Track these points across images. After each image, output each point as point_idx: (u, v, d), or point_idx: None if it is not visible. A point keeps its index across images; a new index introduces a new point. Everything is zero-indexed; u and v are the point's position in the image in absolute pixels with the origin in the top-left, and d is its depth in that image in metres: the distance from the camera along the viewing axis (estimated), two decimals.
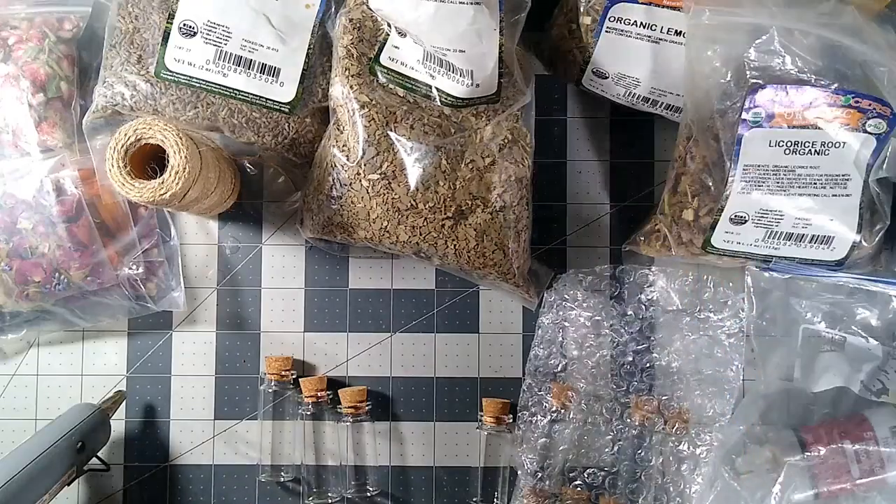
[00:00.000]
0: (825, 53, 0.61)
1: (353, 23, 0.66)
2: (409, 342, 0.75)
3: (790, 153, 0.63)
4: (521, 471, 0.71)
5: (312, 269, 0.76)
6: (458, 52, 0.64)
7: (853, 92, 0.61)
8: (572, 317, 0.72)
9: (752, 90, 0.62)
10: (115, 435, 0.73)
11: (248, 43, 0.68)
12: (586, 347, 0.72)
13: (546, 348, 0.72)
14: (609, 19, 0.65)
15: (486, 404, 0.72)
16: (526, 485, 0.70)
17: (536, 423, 0.71)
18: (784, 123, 0.62)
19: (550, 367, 0.72)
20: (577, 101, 0.76)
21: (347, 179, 0.65)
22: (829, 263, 0.67)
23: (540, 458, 0.71)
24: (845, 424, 0.67)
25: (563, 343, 0.72)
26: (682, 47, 0.65)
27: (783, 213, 0.65)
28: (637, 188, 0.76)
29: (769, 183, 0.64)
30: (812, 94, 0.61)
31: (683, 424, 0.70)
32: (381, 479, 0.74)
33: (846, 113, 0.61)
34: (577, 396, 0.71)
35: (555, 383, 0.71)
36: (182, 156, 0.61)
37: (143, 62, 0.68)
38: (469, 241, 0.66)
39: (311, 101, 0.70)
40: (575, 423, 0.71)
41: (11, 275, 0.69)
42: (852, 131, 0.62)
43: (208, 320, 0.75)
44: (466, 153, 0.66)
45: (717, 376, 0.71)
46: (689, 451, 0.70)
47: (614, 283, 0.74)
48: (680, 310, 0.72)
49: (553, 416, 0.71)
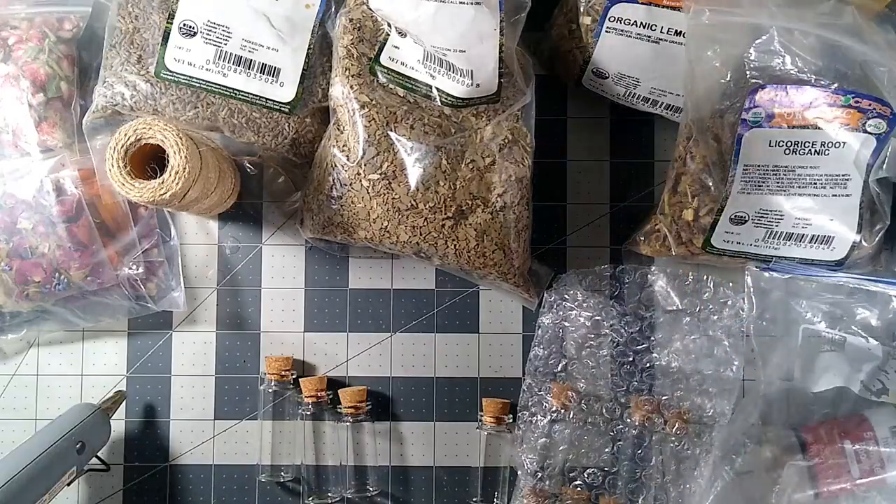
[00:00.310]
0: (825, 53, 0.61)
1: (354, 23, 0.66)
2: (409, 342, 0.75)
3: (790, 153, 0.63)
4: (521, 471, 0.71)
5: (312, 269, 0.76)
6: (458, 53, 0.64)
7: (853, 92, 0.61)
8: (572, 317, 0.72)
9: (752, 90, 0.62)
10: (115, 435, 0.73)
11: (248, 43, 0.68)
12: (586, 347, 0.72)
13: (546, 348, 0.72)
14: (609, 19, 0.65)
15: (486, 404, 0.72)
16: (526, 485, 0.70)
17: (536, 423, 0.71)
18: (784, 123, 0.63)
19: (550, 366, 0.72)
20: (577, 101, 0.76)
21: (348, 179, 0.65)
22: (829, 263, 0.67)
23: (540, 458, 0.71)
24: (845, 424, 0.67)
25: (564, 343, 0.72)
26: (682, 47, 0.65)
27: (783, 213, 0.65)
28: (637, 188, 0.76)
29: (769, 183, 0.64)
30: (812, 94, 0.61)
31: (683, 424, 0.70)
32: (381, 479, 0.74)
33: (846, 113, 0.61)
34: (577, 396, 0.71)
35: (555, 383, 0.71)
36: (182, 156, 0.61)
37: (143, 62, 0.68)
38: (469, 241, 0.66)
39: (311, 101, 0.70)
40: (575, 423, 0.71)
41: (11, 275, 0.69)
42: (852, 131, 0.62)
43: (208, 320, 0.75)
44: (467, 153, 0.66)
45: (717, 376, 0.71)
46: (689, 451, 0.69)
47: (614, 282, 0.74)
48: (680, 310, 0.72)
49: (553, 416, 0.71)
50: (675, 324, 0.72)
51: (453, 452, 0.75)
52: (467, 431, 0.74)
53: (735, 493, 0.67)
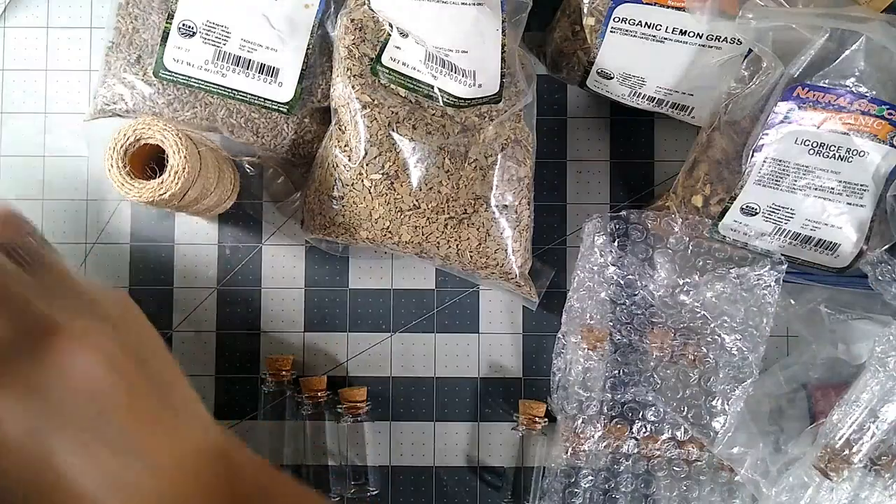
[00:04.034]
0: (870, 57, 0.61)
1: (355, 23, 0.66)
2: (409, 342, 0.75)
3: (814, 153, 0.63)
4: (561, 416, 0.70)
5: (312, 269, 0.76)
6: (460, 53, 0.64)
7: (889, 104, 0.60)
8: (607, 273, 0.70)
9: (790, 87, 0.62)
10: None
11: (247, 43, 0.68)
12: (619, 304, 0.70)
13: (581, 301, 0.71)
14: (614, 20, 0.65)
15: (523, 406, 0.72)
16: (567, 428, 0.70)
17: (569, 370, 0.70)
18: (813, 123, 0.62)
19: (584, 319, 0.71)
20: (577, 101, 0.76)
21: (349, 180, 0.65)
22: (831, 270, 0.67)
23: (577, 403, 0.70)
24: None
25: (597, 298, 0.70)
26: (690, 46, 0.64)
27: (795, 212, 0.64)
28: (637, 188, 0.76)
29: (787, 180, 0.64)
30: (847, 99, 0.61)
31: (704, 360, 0.68)
32: (381, 479, 0.74)
33: (877, 123, 0.61)
34: (609, 340, 0.70)
35: (585, 328, 0.70)
36: (181, 156, 0.61)
37: (142, 62, 0.68)
38: (472, 240, 0.66)
39: (311, 102, 0.70)
40: (607, 362, 0.70)
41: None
42: (878, 143, 0.61)
43: (208, 320, 0.75)
44: (469, 153, 0.66)
45: (747, 326, 0.69)
46: (715, 386, 0.69)
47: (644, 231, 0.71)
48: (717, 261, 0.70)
49: (585, 360, 0.70)
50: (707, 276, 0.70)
51: (453, 452, 0.75)
52: (467, 431, 0.75)
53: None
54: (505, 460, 0.74)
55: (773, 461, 0.68)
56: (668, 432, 0.70)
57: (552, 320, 0.75)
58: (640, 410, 0.70)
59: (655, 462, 0.71)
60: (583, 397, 0.70)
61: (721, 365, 0.68)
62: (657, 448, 0.70)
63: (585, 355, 0.70)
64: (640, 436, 0.70)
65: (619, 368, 0.70)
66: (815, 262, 0.67)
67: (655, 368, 0.69)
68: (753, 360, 0.67)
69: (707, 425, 0.68)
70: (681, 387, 0.69)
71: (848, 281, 0.68)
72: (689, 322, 0.69)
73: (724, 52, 0.64)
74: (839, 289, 0.69)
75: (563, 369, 0.71)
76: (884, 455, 0.65)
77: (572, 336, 0.70)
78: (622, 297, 0.70)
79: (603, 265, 0.70)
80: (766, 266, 0.67)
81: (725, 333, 0.68)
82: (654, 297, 0.69)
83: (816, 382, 0.71)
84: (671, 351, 0.69)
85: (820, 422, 0.67)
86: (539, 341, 0.75)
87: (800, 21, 0.60)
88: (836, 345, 0.68)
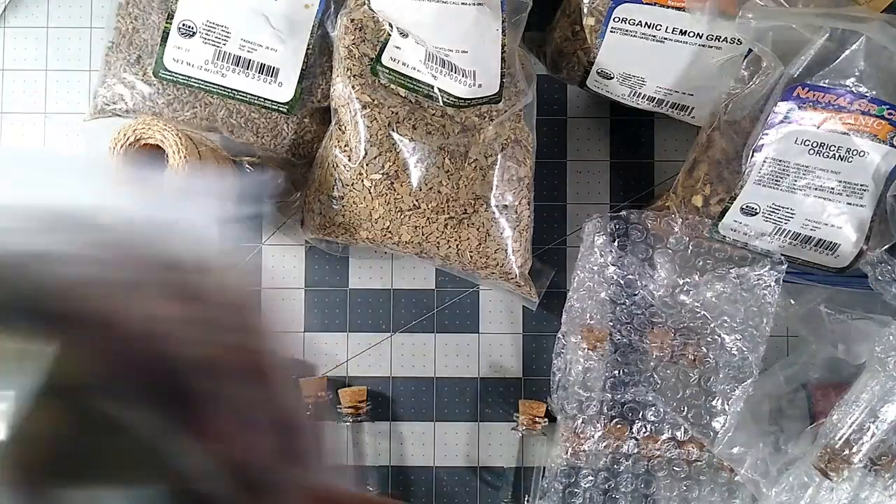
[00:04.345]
0: (870, 57, 0.60)
1: (355, 23, 0.66)
2: (409, 342, 0.75)
3: (814, 153, 0.63)
4: (561, 416, 0.70)
5: (312, 269, 0.76)
6: (460, 53, 0.64)
7: (889, 104, 0.60)
8: (607, 273, 0.70)
9: (790, 87, 0.62)
10: None
11: (246, 43, 0.68)
12: (619, 304, 0.70)
13: (581, 301, 0.71)
14: (614, 20, 0.65)
15: (523, 406, 0.72)
16: (567, 428, 0.70)
17: (569, 370, 0.70)
18: (813, 123, 0.62)
19: (584, 319, 0.70)
20: (577, 101, 0.76)
21: (349, 180, 0.65)
22: (831, 270, 0.67)
23: (577, 403, 0.70)
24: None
25: (597, 298, 0.70)
26: (690, 46, 0.64)
27: (795, 212, 0.64)
28: (637, 188, 0.76)
29: (787, 180, 0.64)
30: (847, 99, 0.61)
31: (704, 360, 0.68)
32: (381, 479, 0.74)
33: (877, 123, 0.61)
34: (609, 340, 0.70)
35: (585, 328, 0.70)
36: (181, 156, 0.61)
37: (142, 62, 0.68)
38: (471, 240, 0.66)
39: (310, 102, 0.70)
40: (607, 362, 0.70)
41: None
42: (878, 143, 0.61)
43: None
44: (469, 153, 0.66)
45: (747, 326, 0.69)
46: (715, 386, 0.69)
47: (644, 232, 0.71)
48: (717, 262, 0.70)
49: (585, 360, 0.70)
50: (707, 277, 0.70)
51: (453, 452, 0.75)
52: (467, 431, 0.75)
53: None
54: (505, 460, 0.74)
55: (773, 461, 0.68)
56: (668, 432, 0.70)
57: (552, 320, 0.74)
58: (640, 410, 0.70)
59: (655, 462, 0.71)
60: (583, 397, 0.70)
61: (721, 365, 0.68)
62: (657, 448, 0.70)
63: (585, 355, 0.70)
64: (640, 436, 0.70)
65: (619, 368, 0.70)
66: (815, 262, 0.67)
67: (655, 368, 0.69)
68: (753, 360, 0.67)
69: (707, 425, 0.68)
70: (681, 387, 0.69)
71: (848, 281, 0.68)
72: (689, 322, 0.69)
73: (724, 52, 0.64)
74: (839, 289, 0.69)
75: (563, 369, 0.71)
76: (884, 455, 0.65)
77: (572, 336, 0.70)
78: (622, 297, 0.70)
79: (603, 265, 0.70)
80: (766, 266, 0.67)
81: (725, 333, 0.68)
82: (654, 297, 0.69)
83: (816, 382, 0.71)
84: (671, 351, 0.70)
85: (820, 422, 0.67)
86: (539, 341, 0.75)
87: (800, 21, 0.60)
88: (836, 345, 0.68)
